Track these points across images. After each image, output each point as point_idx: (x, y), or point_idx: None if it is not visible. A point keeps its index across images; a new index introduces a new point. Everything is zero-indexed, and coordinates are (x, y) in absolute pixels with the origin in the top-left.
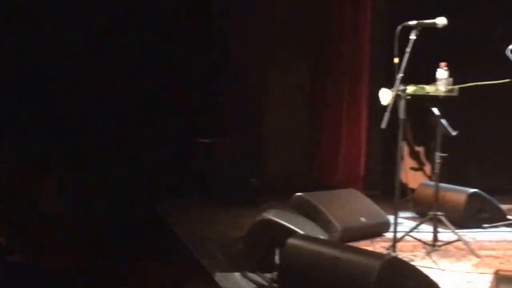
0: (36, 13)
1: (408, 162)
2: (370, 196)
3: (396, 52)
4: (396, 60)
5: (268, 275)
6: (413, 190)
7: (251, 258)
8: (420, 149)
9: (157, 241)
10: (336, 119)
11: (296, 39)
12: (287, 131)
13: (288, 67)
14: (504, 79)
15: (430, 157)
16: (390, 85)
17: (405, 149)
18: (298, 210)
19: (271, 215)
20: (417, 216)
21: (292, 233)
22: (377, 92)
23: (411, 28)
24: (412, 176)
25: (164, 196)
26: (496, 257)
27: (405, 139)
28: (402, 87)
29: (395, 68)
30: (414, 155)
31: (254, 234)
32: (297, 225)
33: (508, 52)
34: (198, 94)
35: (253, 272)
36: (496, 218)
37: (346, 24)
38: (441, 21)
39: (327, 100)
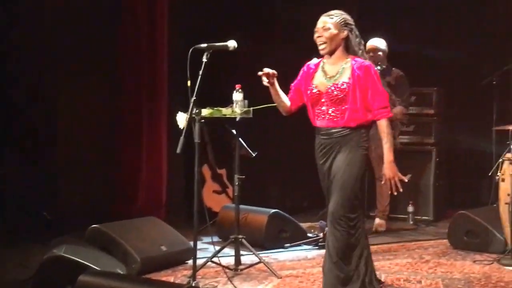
0: None
1: (211, 185)
2: (173, 222)
3: (189, 75)
4: (189, 83)
5: None
6: (217, 213)
7: None
8: (222, 171)
9: None
10: (136, 145)
11: (90, 63)
12: (84, 159)
13: (82, 91)
14: None
15: (232, 179)
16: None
17: (207, 172)
18: (95, 243)
19: (62, 251)
20: (221, 240)
21: (86, 269)
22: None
23: (203, 50)
24: (216, 200)
25: None
26: (297, 276)
27: (207, 162)
28: (196, 110)
29: (191, 91)
30: (216, 178)
31: (44, 274)
32: (92, 260)
33: None
34: None
35: None
36: (296, 237)
37: (142, 49)
38: (232, 43)
39: (125, 125)
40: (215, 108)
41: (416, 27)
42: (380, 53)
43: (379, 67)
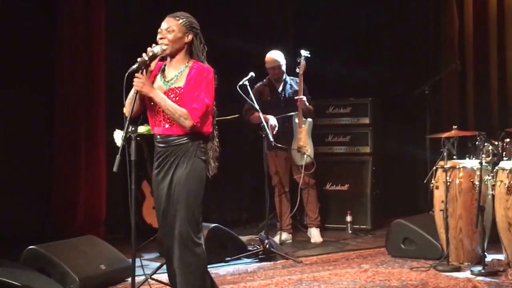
0: None
1: (151, 201)
2: (113, 240)
3: (124, 99)
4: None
5: None
6: (157, 229)
7: None
8: None
9: None
10: (74, 163)
11: (26, 80)
12: (20, 177)
13: (17, 108)
14: (235, 114)
15: None
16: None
17: (147, 188)
18: (32, 264)
19: None
20: (162, 256)
21: None
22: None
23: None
24: (155, 216)
25: None
26: None
27: (146, 178)
28: (132, 128)
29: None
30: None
31: None
32: (29, 282)
33: (238, 88)
34: None
35: None
36: (237, 250)
37: (79, 66)
38: (157, 49)
39: (63, 143)
40: None
41: (350, 39)
42: (281, 66)
43: (263, 82)
